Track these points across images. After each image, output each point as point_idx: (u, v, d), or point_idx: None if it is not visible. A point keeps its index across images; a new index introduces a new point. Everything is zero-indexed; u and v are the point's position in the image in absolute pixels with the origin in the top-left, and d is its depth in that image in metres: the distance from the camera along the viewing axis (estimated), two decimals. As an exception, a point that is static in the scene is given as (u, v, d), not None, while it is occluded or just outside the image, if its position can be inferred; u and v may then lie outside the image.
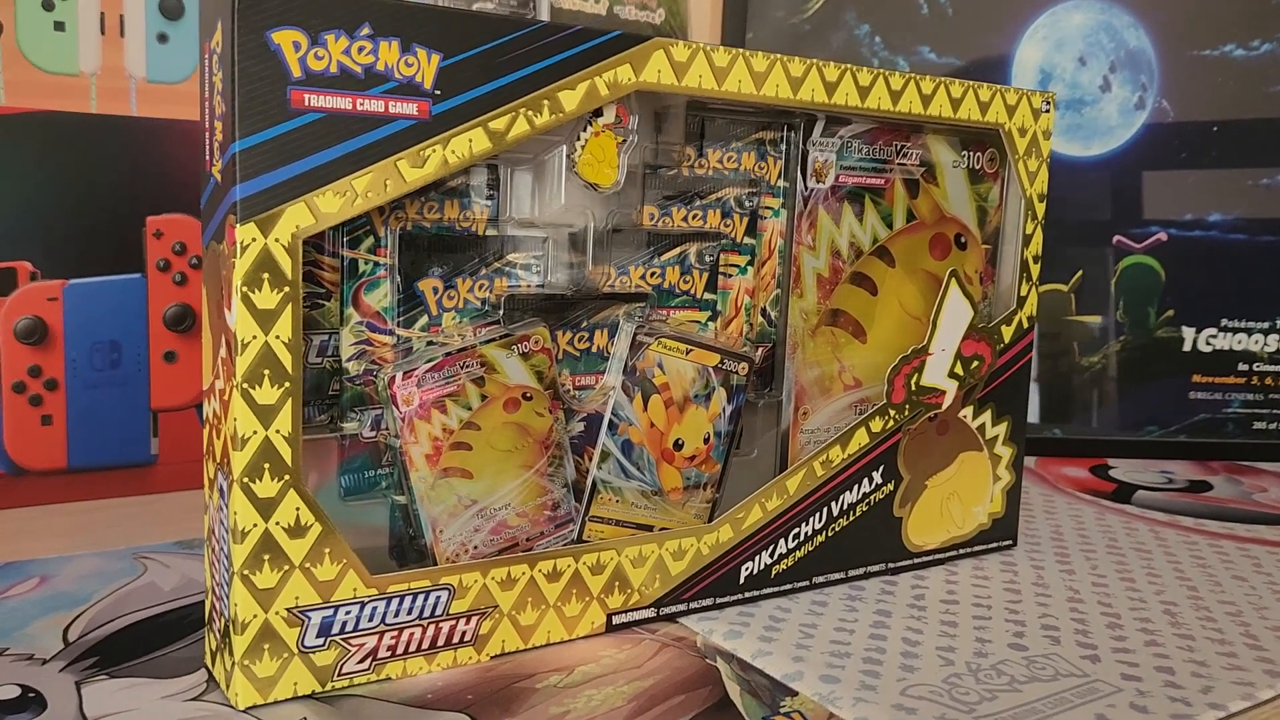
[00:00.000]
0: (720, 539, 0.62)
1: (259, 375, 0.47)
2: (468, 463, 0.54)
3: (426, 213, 0.54)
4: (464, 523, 0.55)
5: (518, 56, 0.52)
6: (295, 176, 0.47)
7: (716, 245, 0.63)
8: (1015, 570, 0.73)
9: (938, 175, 0.71)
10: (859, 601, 0.66)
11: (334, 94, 0.47)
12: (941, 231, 0.72)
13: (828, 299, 0.68)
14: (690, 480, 0.62)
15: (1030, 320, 0.74)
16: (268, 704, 0.50)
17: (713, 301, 0.64)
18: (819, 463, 0.65)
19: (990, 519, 0.75)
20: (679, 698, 0.53)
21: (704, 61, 0.58)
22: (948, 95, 0.68)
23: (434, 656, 0.54)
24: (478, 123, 0.51)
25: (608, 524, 0.59)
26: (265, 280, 0.47)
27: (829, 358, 0.68)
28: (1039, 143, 0.73)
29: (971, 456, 0.73)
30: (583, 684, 0.54)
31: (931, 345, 0.69)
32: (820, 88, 0.62)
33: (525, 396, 0.56)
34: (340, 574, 0.50)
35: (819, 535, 0.66)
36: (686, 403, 0.61)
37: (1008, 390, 0.74)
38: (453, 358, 0.53)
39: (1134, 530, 0.84)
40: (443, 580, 0.53)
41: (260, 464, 0.47)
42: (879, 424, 0.68)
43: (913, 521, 0.71)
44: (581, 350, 0.59)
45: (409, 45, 0.49)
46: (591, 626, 0.59)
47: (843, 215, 0.67)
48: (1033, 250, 0.74)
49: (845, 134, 0.66)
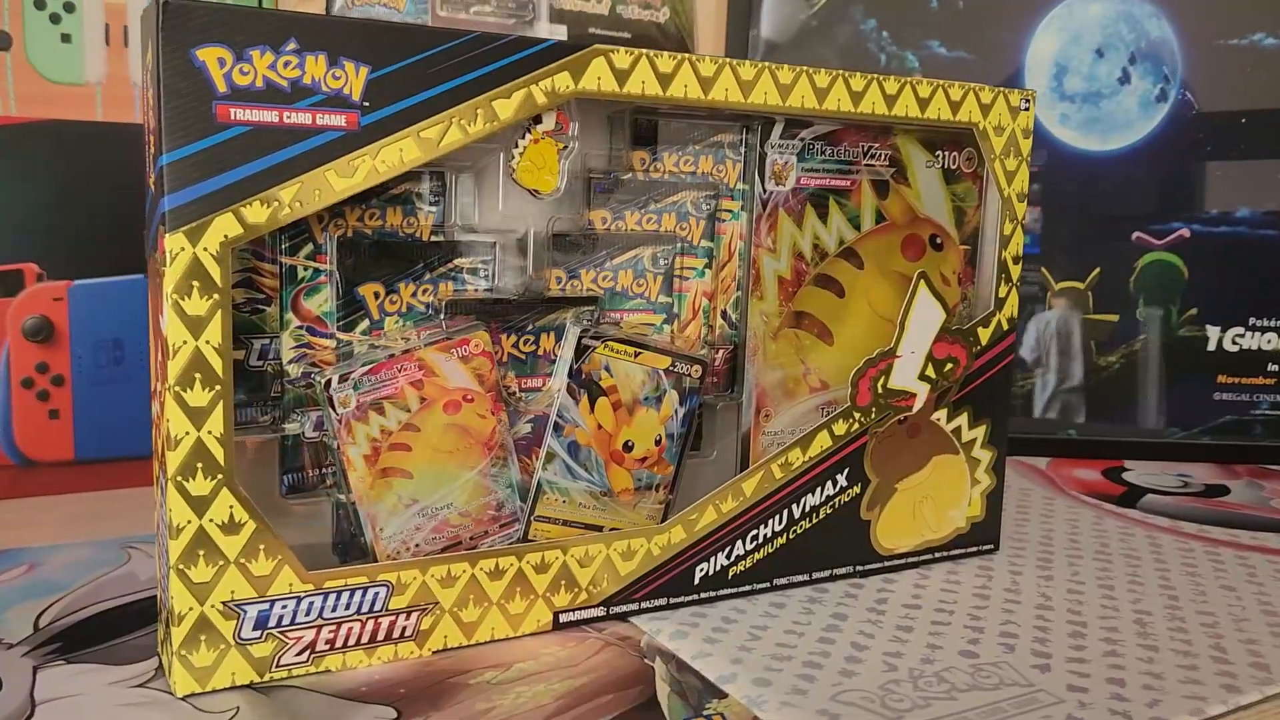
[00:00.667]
0: (672, 540, 0.63)
1: (190, 379, 0.49)
2: (407, 463, 0.56)
3: (368, 220, 0.56)
4: (405, 521, 0.56)
5: (450, 66, 0.53)
6: (223, 188, 0.48)
7: (671, 249, 0.64)
8: (990, 575, 0.72)
9: (910, 176, 0.70)
10: (818, 605, 0.66)
11: (260, 107, 0.49)
12: (915, 233, 0.71)
13: (790, 301, 0.67)
14: (642, 482, 0.63)
15: (1011, 322, 0.73)
16: (206, 692, 0.52)
17: (668, 304, 0.64)
18: (777, 465, 0.65)
19: (969, 523, 0.74)
20: (607, 697, 0.53)
21: (647, 68, 0.58)
22: (914, 95, 0.67)
23: (374, 650, 0.55)
24: (408, 133, 0.52)
25: (555, 524, 0.60)
26: (195, 288, 0.48)
27: (792, 360, 0.68)
28: (1018, 141, 0.71)
29: (946, 460, 0.73)
30: (516, 681, 0.55)
31: (899, 347, 0.69)
32: (773, 91, 0.62)
33: (466, 399, 0.57)
34: (275, 569, 0.52)
35: (779, 538, 0.67)
36: (636, 405, 0.62)
37: (986, 393, 0.73)
38: (390, 361, 0.54)
39: (1129, 535, 0.82)
40: (380, 577, 0.55)
41: (193, 463, 0.50)
42: (843, 427, 0.67)
43: (882, 525, 0.71)
44: (527, 353, 0.60)
45: (336, 59, 0.50)
46: (538, 624, 0.60)
47: (805, 217, 0.67)
48: (1012, 251, 0.73)
49: (807, 136, 0.66)
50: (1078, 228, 1.04)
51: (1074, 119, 1.03)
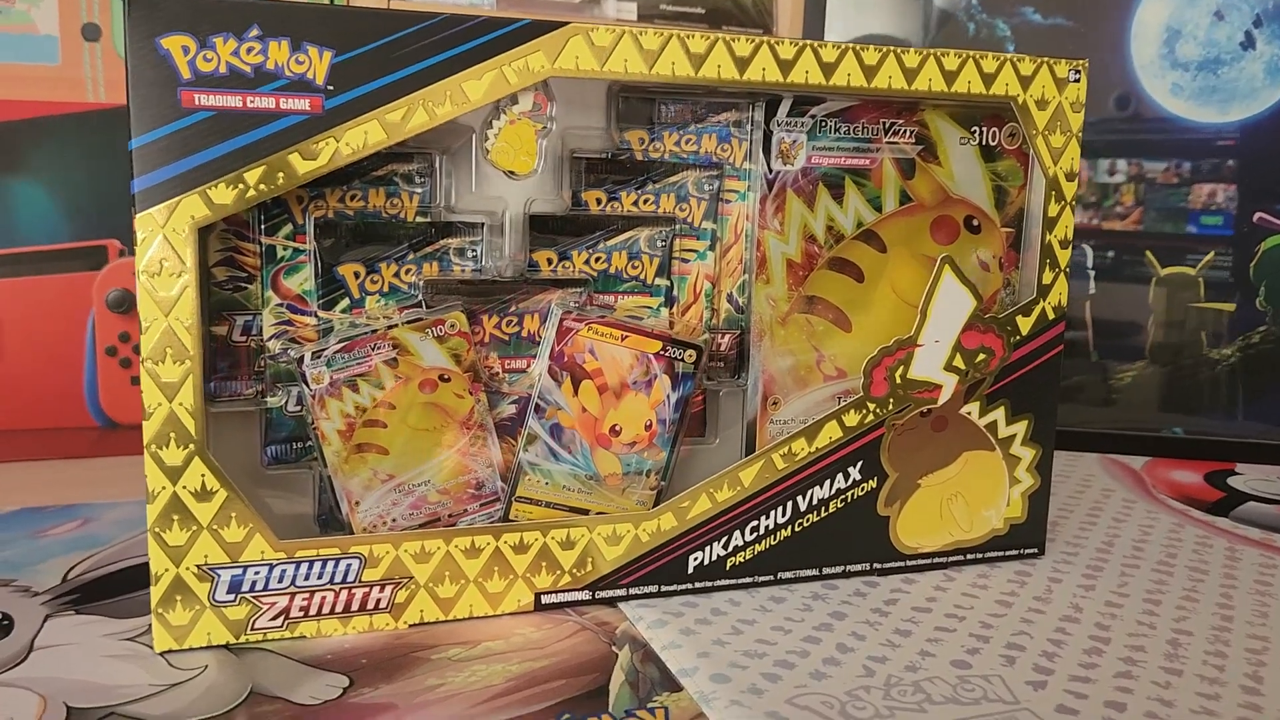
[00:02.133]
0: (662, 527, 0.62)
1: (162, 354, 0.52)
2: (382, 439, 0.57)
3: (349, 201, 0.57)
4: (381, 496, 0.57)
5: (417, 49, 0.53)
6: (189, 170, 0.51)
7: (669, 230, 0.62)
8: (1023, 581, 0.67)
9: (941, 153, 0.66)
10: (820, 602, 0.63)
11: (224, 93, 0.51)
12: (947, 214, 0.67)
13: (800, 285, 0.65)
14: (631, 467, 0.62)
15: (1058, 310, 0.68)
16: (183, 650, 0.55)
17: (665, 287, 0.63)
18: (779, 455, 0.63)
19: (1007, 524, 0.70)
20: (559, 682, 0.53)
21: (630, 45, 0.57)
22: (939, 68, 0.63)
23: (349, 620, 0.57)
24: (373, 115, 0.53)
25: (537, 505, 0.60)
26: (164, 267, 0.51)
27: (804, 346, 0.65)
28: (1066, 115, 0.66)
29: (979, 456, 0.68)
30: (478, 659, 0.55)
31: (921, 336, 0.65)
32: (773, 67, 0.59)
33: (443, 378, 0.57)
34: (247, 537, 0.54)
35: (783, 530, 0.64)
36: (624, 388, 0.61)
37: (1028, 387, 0.68)
38: (363, 339, 0.56)
39: (1206, 546, 0.75)
40: (353, 549, 0.56)
41: (166, 433, 0.52)
42: (855, 417, 0.64)
43: (903, 522, 0.67)
44: (511, 334, 0.60)
45: (299, 44, 0.52)
46: (518, 604, 0.60)
47: (817, 198, 0.64)
48: (1059, 234, 0.67)
49: (819, 113, 0.63)
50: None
51: (1188, 89, 0.94)
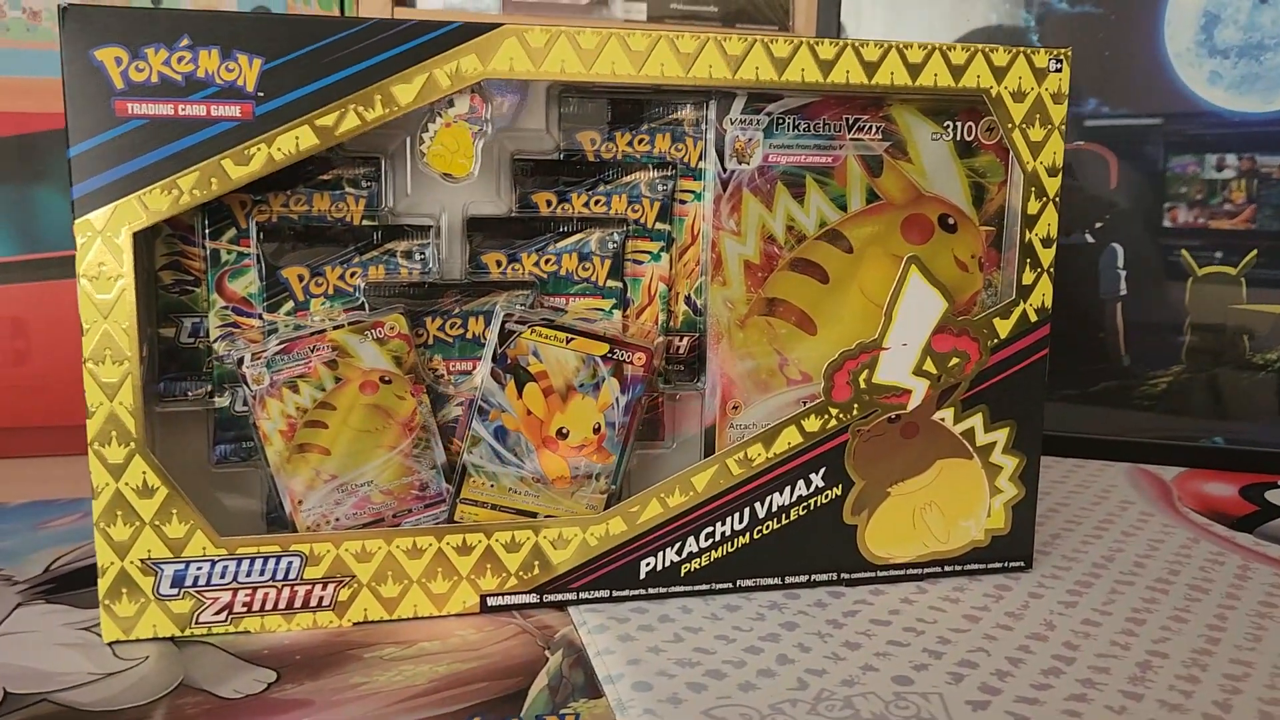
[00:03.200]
0: (611, 531, 0.61)
1: (102, 356, 0.53)
2: (323, 439, 0.58)
3: (293, 205, 0.58)
4: (324, 496, 0.58)
5: (346, 55, 0.54)
6: (124, 177, 0.52)
7: (622, 232, 0.62)
8: (1001, 596, 0.65)
9: (911, 150, 0.64)
10: (776, 611, 0.62)
11: (155, 102, 0.52)
12: (919, 212, 0.64)
13: (759, 287, 0.63)
14: (579, 470, 0.61)
15: (1041, 312, 0.65)
16: (130, 641, 0.57)
17: (617, 289, 0.62)
18: (734, 460, 0.62)
19: (988, 536, 0.67)
20: (481, 684, 0.53)
21: (567, 45, 0.56)
22: (902, 61, 0.61)
23: (292, 616, 0.58)
24: (304, 120, 0.54)
25: (483, 507, 0.60)
26: (102, 271, 0.53)
27: (765, 350, 0.64)
28: (1046, 107, 0.63)
29: (954, 464, 0.65)
30: (410, 659, 0.56)
31: (887, 339, 0.63)
32: (720, 64, 0.58)
33: (384, 380, 0.58)
34: (189, 533, 0.56)
35: (740, 537, 0.63)
36: (570, 391, 0.60)
37: (1008, 393, 0.65)
38: (302, 341, 0.57)
39: (1217, 564, 0.70)
40: (293, 547, 0.57)
41: (108, 432, 0.54)
42: (815, 423, 0.63)
43: (872, 531, 0.65)
44: (455, 337, 0.60)
45: (229, 52, 0.53)
46: (464, 606, 0.60)
47: (776, 197, 0.63)
48: (1039, 232, 0.64)
49: (775, 110, 0.62)
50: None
51: (1227, 77, 0.89)
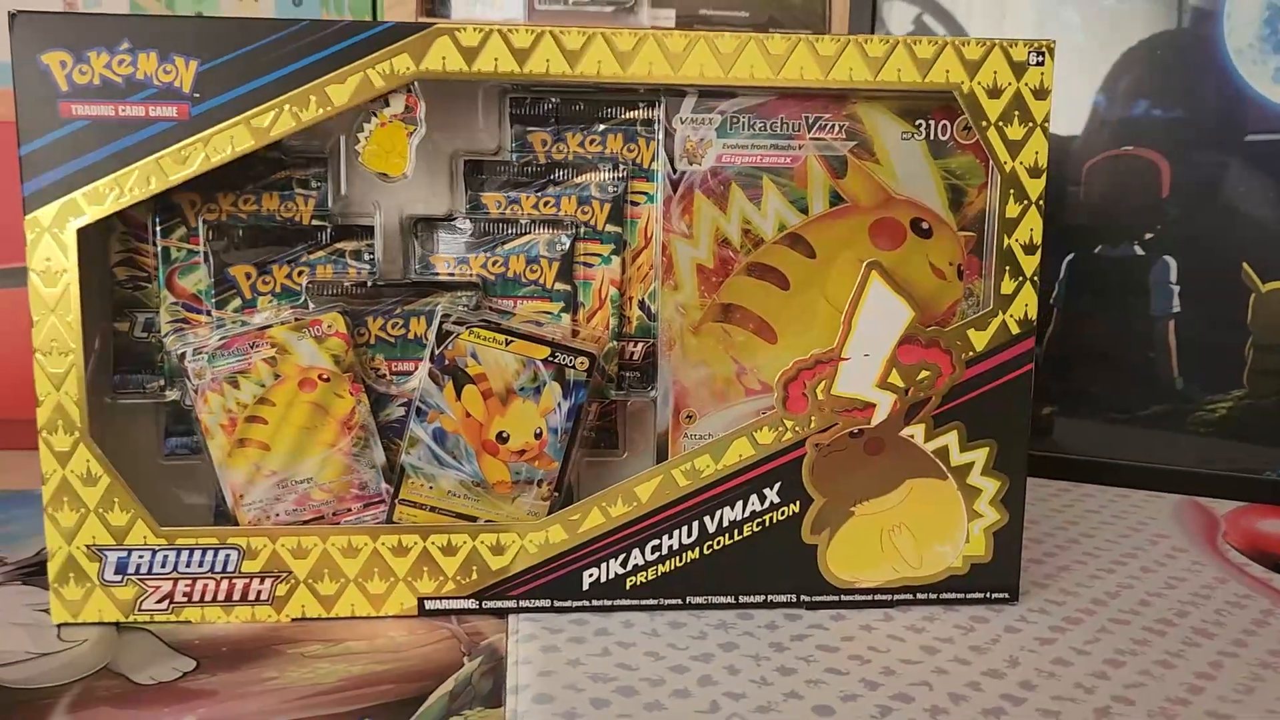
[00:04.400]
0: (550, 539, 0.60)
1: (49, 347, 0.56)
2: (263, 435, 0.59)
3: (242, 204, 0.59)
4: (265, 491, 0.59)
5: (280, 55, 0.55)
6: (68, 175, 0.54)
7: (571, 234, 0.61)
8: (972, 628, 0.60)
9: (878, 150, 0.60)
10: (721, 630, 0.59)
11: (97, 103, 0.54)
12: (889, 216, 0.61)
13: (714, 292, 0.61)
14: (521, 475, 0.60)
15: (1023, 324, 0.60)
16: (76, 623, 0.58)
17: (566, 292, 0.61)
18: (681, 471, 0.60)
19: (967, 563, 0.62)
20: (387, 686, 0.53)
21: (499, 44, 0.56)
22: (861, 55, 0.58)
23: (231, 609, 0.59)
24: (239, 120, 0.55)
25: (421, 509, 0.60)
26: (49, 266, 0.55)
27: (720, 358, 0.61)
28: (1026, 103, 0.59)
29: (927, 485, 0.61)
30: (330, 656, 0.56)
31: (846, 349, 0.59)
32: (660, 61, 0.57)
33: (322, 378, 0.59)
34: (130, 522, 0.57)
35: (689, 552, 0.61)
36: (510, 395, 0.59)
37: (986, 410, 0.61)
38: (242, 337, 0.58)
39: (1237, 609, 0.64)
40: (230, 540, 0.58)
41: (55, 420, 0.56)
42: (769, 435, 0.60)
43: (834, 552, 0.62)
44: (396, 336, 0.60)
45: (167, 54, 0.54)
46: (401, 607, 0.60)
47: (730, 199, 0.60)
48: (1020, 237, 0.60)
49: (728, 108, 0.59)
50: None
51: (1294, 72, 0.81)
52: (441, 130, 0.59)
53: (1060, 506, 0.82)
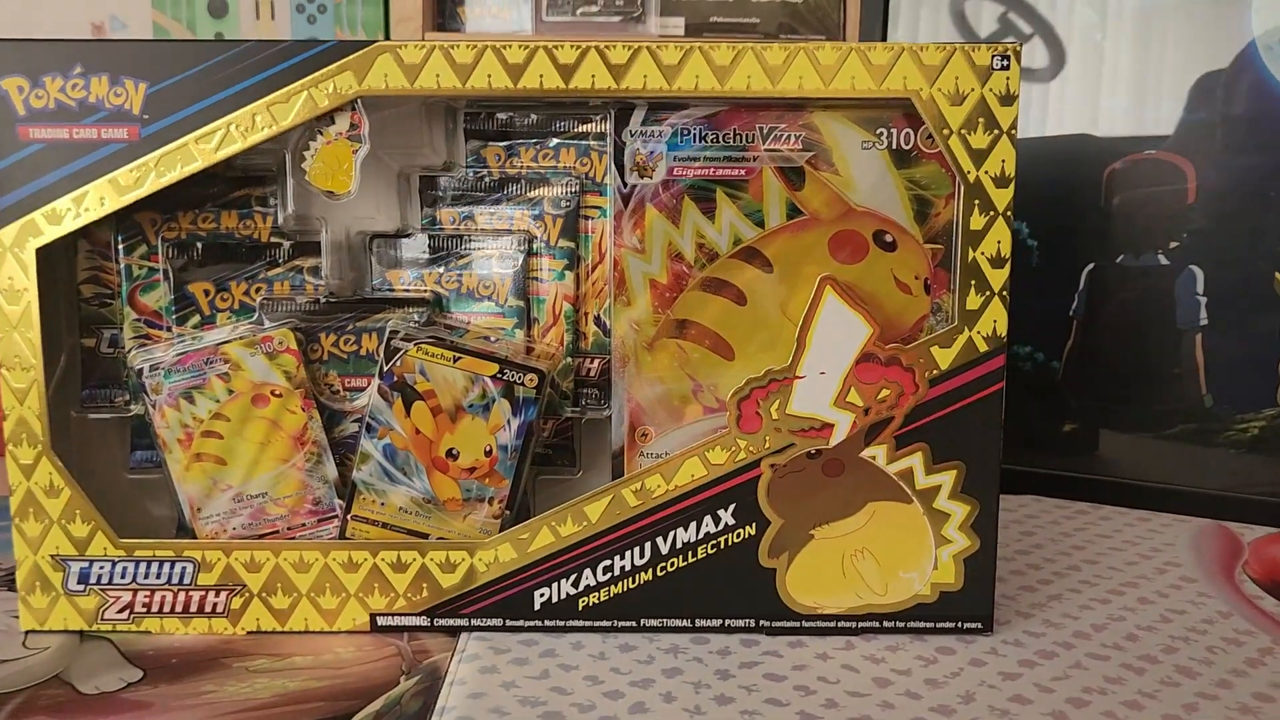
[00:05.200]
0: (500, 558, 0.59)
1: (12, 363, 0.57)
2: (219, 450, 0.60)
3: (201, 223, 0.60)
4: (221, 505, 0.60)
5: (224, 76, 0.55)
6: (28, 196, 0.56)
7: (523, 249, 0.60)
8: (935, 660, 0.57)
9: (838, 160, 0.58)
10: (669, 655, 0.58)
11: (54, 126, 0.56)
12: (850, 229, 0.59)
13: (668, 308, 0.59)
14: (471, 493, 0.60)
15: (992, 341, 0.57)
16: (44, 631, 0.60)
17: (519, 308, 0.61)
18: (631, 491, 0.58)
19: (936, 591, 0.60)
20: (318, 704, 0.53)
21: (442, 60, 0.55)
22: (812, 64, 0.56)
23: (189, 621, 0.60)
24: (185, 141, 0.56)
25: (374, 526, 0.60)
26: (11, 285, 0.57)
27: (676, 375, 0.60)
28: (991, 110, 0.56)
29: (890, 508, 0.59)
30: (272, 672, 0.56)
31: (801, 367, 0.57)
32: (603, 72, 0.56)
33: (274, 393, 0.59)
34: (91, 533, 0.59)
35: (642, 573, 0.59)
36: (459, 412, 0.59)
37: (953, 431, 0.58)
38: (196, 353, 0.59)
39: (1230, 645, 0.59)
40: (186, 553, 0.59)
41: (20, 434, 0.58)
42: (722, 455, 0.58)
43: (794, 576, 0.59)
44: (349, 353, 0.60)
45: (117, 77, 0.56)
46: (354, 623, 0.60)
47: (683, 213, 0.59)
48: (986, 250, 0.57)
49: (678, 120, 0.58)
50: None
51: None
52: (389, 147, 0.59)
53: (1072, 530, 0.78)
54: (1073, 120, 0.83)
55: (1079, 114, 0.83)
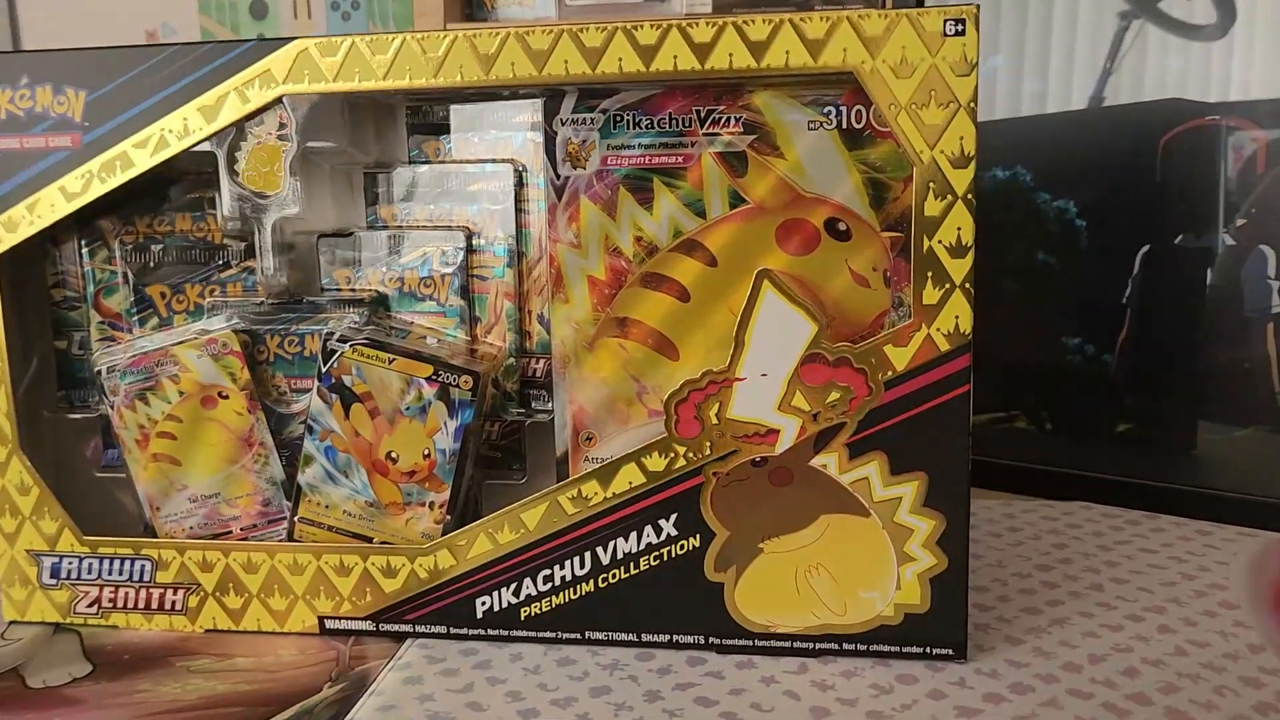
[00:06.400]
0: (440, 564, 0.58)
1: (-18, 364, 0.60)
2: (174, 450, 0.60)
3: (157, 226, 0.61)
4: (178, 505, 0.61)
5: (155, 81, 0.56)
6: (-15, 206, 0.58)
7: (461, 246, 0.58)
8: (888, 691, 0.52)
9: (782, 143, 0.54)
10: (607, 672, 0.55)
11: (6, 136, 0.58)
12: (799, 217, 0.54)
13: (607, 305, 0.56)
14: (412, 497, 0.58)
15: (955, 338, 0.52)
16: (24, 621, 0.63)
17: (460, 307, 0.59)
18: (568, 498, 0.56)
19: (900, 613, 0.54)
20: (237, 709, 0.53)
21: (360, 55, 0.54)
22: (742, 40, 0.51)
23: (152, 617, 0.61)
24: (123, 146, 0.56)
25: (320, 528, 0.60)
26: (-26, 290, 0.59)
27: (619, 375, 0.57)
28: (945, 80, 0.50)
29: (846, 521, 0.54)
30: (208, 673, 0.56)
31: (740, 368, 0.53)
32: (523, 60, 0.53)
33: (221, 395, 0.59)
34: (59, 530, 0.61)
35: (584, 584, 0.57)
36: (397, 415, 0.58)
37: (914, 437, 0.53)
38: (149, 355, 0.59)
39: (1249, 687, 0.52)
40: (144, 551, 0.60)
41: (-8, 434, 0.61)
42: (659, 461, 0.55)
43: (744, 592, 0.56)
44: (294, 354, 0.60)
45: (60, 87, 0.57)
46: (303, 625, 0.60)
47: (619, 205, 0.55)
48: (944, 238, 0.51)
49: (611, 106, 0.55)
50: None
51: None
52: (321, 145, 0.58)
53: (1113, 543, 0.70)
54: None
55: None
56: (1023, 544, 0.70)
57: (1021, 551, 0.69)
